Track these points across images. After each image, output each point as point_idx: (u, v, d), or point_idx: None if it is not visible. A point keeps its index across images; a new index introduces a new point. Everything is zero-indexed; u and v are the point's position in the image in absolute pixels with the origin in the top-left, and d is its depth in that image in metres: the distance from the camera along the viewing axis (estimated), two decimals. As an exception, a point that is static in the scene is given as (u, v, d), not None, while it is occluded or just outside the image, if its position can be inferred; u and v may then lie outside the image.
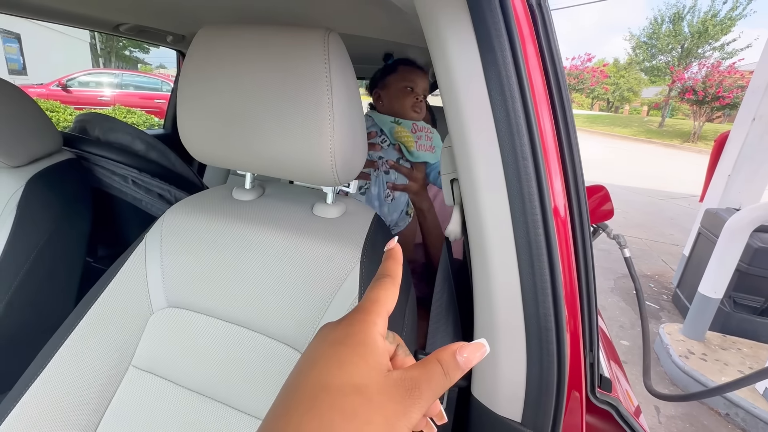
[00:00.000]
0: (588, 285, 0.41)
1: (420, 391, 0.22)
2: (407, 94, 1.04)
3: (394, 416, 0.21)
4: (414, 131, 1.05)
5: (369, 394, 0.21)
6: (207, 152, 0.53)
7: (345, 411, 0.20)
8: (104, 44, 17.44)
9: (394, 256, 0.29)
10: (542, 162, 0.34)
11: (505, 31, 0.33)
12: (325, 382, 0.21)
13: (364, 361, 0.22)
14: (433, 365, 0.23)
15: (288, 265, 0.52)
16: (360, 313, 0.25)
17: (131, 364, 0.58)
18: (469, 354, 0.23)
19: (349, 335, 0.23)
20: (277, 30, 0.47)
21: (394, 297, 0.26)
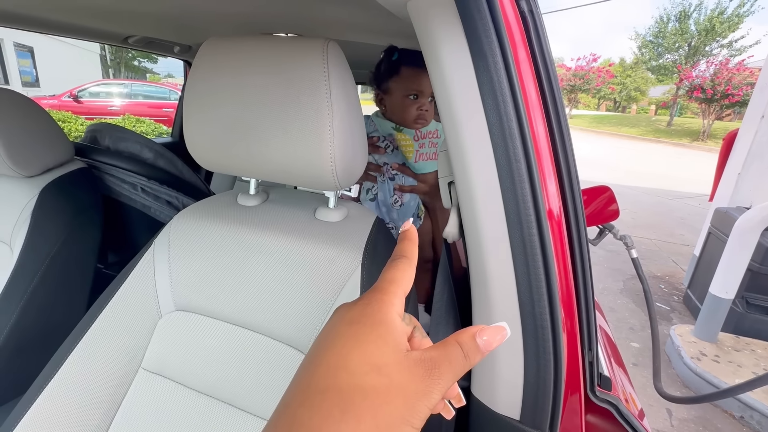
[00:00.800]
0: (585, 284, 0.41)
1: (440, 371, 0.21)
2: (411, 104, 0.93)
3: (415, 396, 0.20)
4: (417, 138, 0.97)
5: (389, 373, 0.21)
6: (212, 159, 0.55)
7: (365, 390, 0.20)
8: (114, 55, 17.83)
9: (410, 237, 0.28)
10: (535, 164, 0.35)
11: (495, 38, 0.34)
12: (343, 361, 0.21)
13: (382, 340, 0.22)
14: (453, 347, 0.22)
15: (291, 269, 0.54)
16: (377, 292, 0.24)
17: (141, 367, 0.59)
18: (490, 336, 0.23)
19: (366, 314, 0.23)
20: (278, 41, 0.49)
21: (411, 277, 0.26)
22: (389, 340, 0.22)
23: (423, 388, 0.21)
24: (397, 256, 0.27)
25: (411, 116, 0.94)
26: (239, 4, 0.80)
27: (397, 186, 0.97)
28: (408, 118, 0.95)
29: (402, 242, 0.28)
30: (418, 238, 0.29)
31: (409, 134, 0.98)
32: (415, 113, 0.94)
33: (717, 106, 14.00)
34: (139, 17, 1.04)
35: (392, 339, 0.22)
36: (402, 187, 0.97)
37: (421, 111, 0.94)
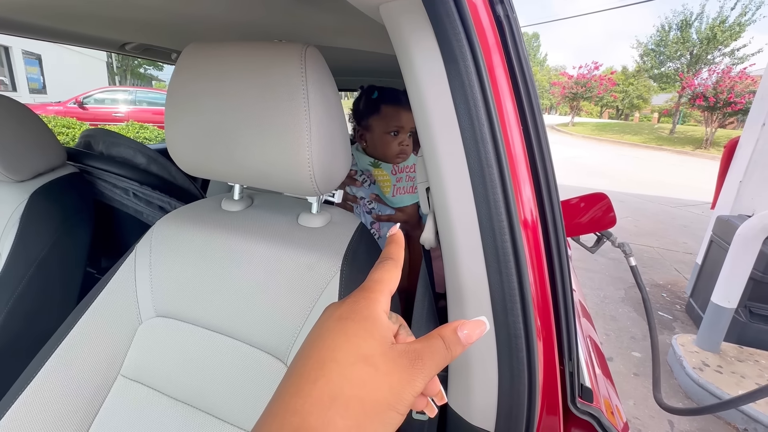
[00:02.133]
0: (564, 293, 0.40)
1: (423, 362, 0.23)
2: (392, 140, 0.96)
3: (399, 384, 0.22)
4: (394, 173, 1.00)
5: (375, 363, 0.22)
6: (193, 164, 0.55)
7: (353, 379, 0.21)
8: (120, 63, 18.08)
9: (397, 241, 0.30)
10: (507, 169, 0.35)
11: (466, 42, 0.34)
12: (333, 353, 0.22)
13: (369, 334, 0.23)
14: (436, 340, 0.24)
15: (271, 275, 0.53)
16: (364, 291, 0.26)
17: (120, 374, 0.58)
18: (470, 330, 0.25)
19: (354, 311, 0.24)
20: (259, 45, 0.49)
21: (396, 278, 0.28)
22: (375, 334, 0.24)
23: (407, 377, 0.22)
24: (384, 258, 0.29)
25: (393, 152, 0.98)
26: (236, 12, 0.80)
27: (375, 216, 0.99)
28: (390, 153, 0.98)
29: (389, 245, 0.30)
30: (404, 242, 0.31)
31: (387, 169, 1.00)
32: (396, 149, 0.97)
33: (719, 114, 13.97)
34: (136, 24, 1.05)
35: (378, 333, 0.24)
36: (379, 216, 0.99)
37: (402, 146, 0.97)
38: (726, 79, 13.51)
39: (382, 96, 1.00)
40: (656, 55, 19.38)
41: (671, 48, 18.30)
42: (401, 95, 1.00)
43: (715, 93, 13.42)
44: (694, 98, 14.31)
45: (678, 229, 5.05)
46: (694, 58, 17.49)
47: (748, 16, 16.12)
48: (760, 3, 15.95)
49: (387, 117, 0.97)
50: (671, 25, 18.39)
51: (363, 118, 1.01)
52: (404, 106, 0.98)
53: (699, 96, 13.95)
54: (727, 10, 16.59)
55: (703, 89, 13.87)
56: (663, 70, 19.26)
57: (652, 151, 14.86)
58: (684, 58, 18.07)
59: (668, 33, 18.53)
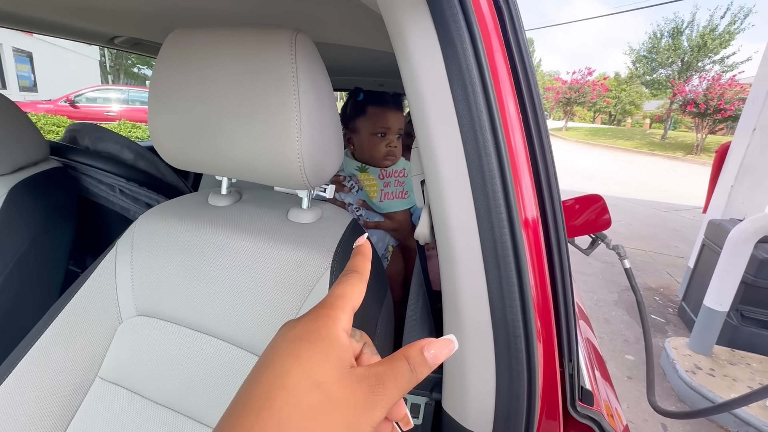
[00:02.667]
0: (565, 292, 0.39)
1: (384, 387, 0.21)
2: (379, 141, 0.96)
3: (356, 414, 0.20)
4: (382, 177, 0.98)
5: (329, 391, 0.20)
6: (178, 156, 0.52)
7: (302, 410, 0.19)
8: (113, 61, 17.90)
9: (363, 252, 0.28)
10: (506, 158, 0.33)
11: (464, 25, 0.32)
12: (282, 379, 0.20)
13: (324, 356, 0.21)
14: (399, 361, 0.22)
15: (258, 272, 0.51)
16: (323, 308, 0.24)
17: (98, 376, 0.56)
18: (437, 350, 0.23)
19: (309, 331, 0.22)
20: (246, 31, 0.47)
21: (361, 293, 0.26)
22: (331, 357, 0.21)
23: (365, 405, 0.20)
24: (348, 271, 0.27)
25: (380, 153, 0.96)
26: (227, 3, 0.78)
27: (363, 223, 0.97)
28: (377, 155, 0.97)
29: (354, 257, 0.28)
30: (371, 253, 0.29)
31: (374, 173, 0.99)
32: (384, 150, 0.96)
33: (710, 121, 14.18)
34: (124, 16, 1.02)
35: (335, 355, 0.21)
36: (367, 223, 0.97)
37: (390, 147, 0.96)
38: (716, 86, 13.73)
39: (368, 98, 1.00)
40: (648, 62, 19.65)
41: (663, 55, 18.58)
42: (387, 96, 1.00)
43: (706, 100, 13.63)
44: (685, 105, 14.51)
45: (670, 233, 5.09)
46: (685, 66, 17.76)
47: (737, 24, 16.42)
48: (748, 12, 16.26)
49: (373, 118, 0.97)
50: (663, 33, 18.67)
51: (350, 121, 1.01)
52: (390, 107, 0.97)
53: (690, 102, 14.15)
54: (716, 19, 16.90)
55: (694, 96, 14.08)
56: (655, 76, 19.53)
57: (644, 156, 15.03)
58: (675, 65, 18.34)
59: (660, 40, 18.81)
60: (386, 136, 0.97)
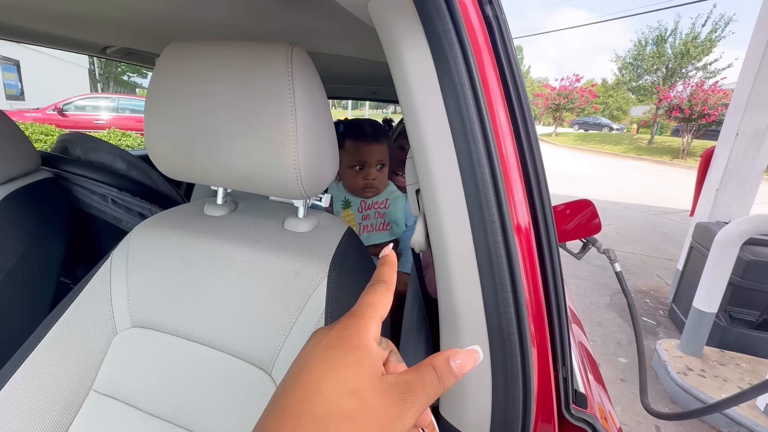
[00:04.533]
0: (557, 296, 0.40)
1: (414, 395, 0.22)
2: (356, 174, 0.96)
3: (389, 420, 0.21)
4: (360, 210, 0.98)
5: (364, 397, 0.21)
6: (174, 168, 0.53)
7: (340, 415, 0.20)
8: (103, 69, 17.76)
9: (389, 263, 0.29)
10: (498, 168, 0.34)
11: (456, 40, 0.33)
12: (319, 385, 0.21)
13: (358, 364, 0.22)
14: (427, 370, 0.23)
15: (254, 282, 0.51)
16: (354, 317, 0.24)
17: (92, 389, 0.55)
18: (463, 360, 0.23)
19: (343, 338, 0.23)
20: (243, 45, 0.47)
21: (388, 303, 0.26)
22: (365, 365, 0.22)
23: (397, 412, 0.21)
24: (376, 281, 0.27)
25: (358, 186, 0.97)
26: (221, 14, 0.79)
27: None
28: (356, 188, 0.97)
29: (381, 267, 0.29)
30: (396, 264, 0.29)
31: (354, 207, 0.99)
32: (361, 183, 0.96)
33: (694, 125, 14.51)
34: (117, 26, 1.03)
35: (368, 363, 0.22)
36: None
37: (368, 180, 0.96)
38: (699, 92, 14.07)
39: (346, 130, 0.99)
40: (634, 69, 20.09)
41: (648, 62, 19.02)
42: (367, 128, 0.99)
43: (690, 105, 13.96)
44: (670, 110, 14.83)
45: (659, 236, 5.18)
46: (670, 72, 18.20)
47: (718, 32, 16.91)
48: (728, 20, 16.76)
49: (349, 151, 0.97)
50: (647, 40, 19.13)
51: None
52: (368, 140, 0.96)
53: (675, 108, 14.47)
54: (698, 27, 17.38)
55: (679, 101, 14.41)
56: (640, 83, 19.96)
57: (632, 161, 15.30)
58: (660, 71, 18.78)
59: (645, 48, 19.27)
60: (363, 169, 0.96)
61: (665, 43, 18.35)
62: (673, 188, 9.21)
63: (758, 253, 2.24)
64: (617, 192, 8.21)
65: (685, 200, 6.44)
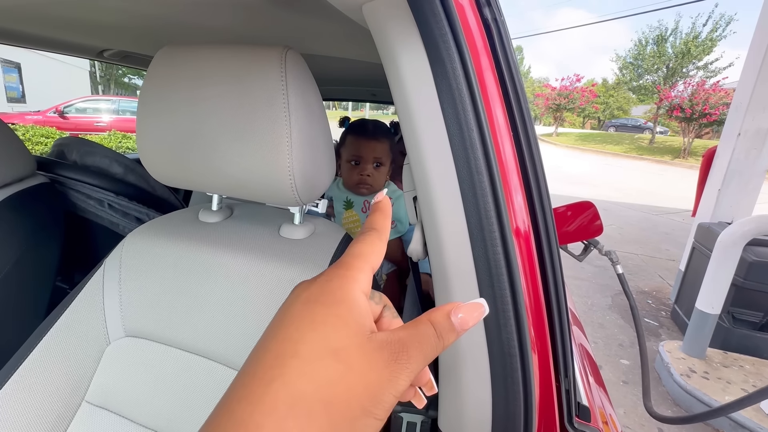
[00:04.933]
0: (559, 306, 0.38)
1: (408, 355, 0.19)
2: (352, 169, 0.99)
3: (378, 384, 0.18)
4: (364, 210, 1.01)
5: (348, 359, 0.18)
6: (167, 173, 0.52)
7: (318, 379, 0.17)
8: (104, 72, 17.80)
9: (382, 209, 0.26)
10: (498, 176, 0.33)
11: (453, 43, 0.32)
12: (295, 346, 0.18)
13: (342, 321, 0.19)
14: (425, 326, 0.20)
15: (250, 290, 0.50)
16: (339, 268, 0.22)
17: (84, 400, 0.54)
18: (466, 314, 0.21)
19: (325, 292, 0.20)
20: (236, 49, 0.46)
21: (380, 252, 0.23)
22: (350, 321, 0.19)
23: (388, 375, 0.18)
24: (367, 229, 0.24)
25: (353, 181, 0.99)
26: (218, 17, 0.78)
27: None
28: (350, 182, 0.99)
29: (373, 213, 0.26)
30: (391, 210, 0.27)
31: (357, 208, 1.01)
32: (356, 178, 0.98)
33: (696, 125, 14.47)
34: (114, 30, 1.02)
35: (353, 319, 0.19)
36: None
37: (363, 176, 0.98)
38: (700, 91, 14.04)
39: (351, 126, 1.04)
40: (634, 68, 20.07)
41: (648, 61, 18.99)
42: (369, 125, 1.02)
43: (691, 105, 13.92)
44: (671, 110, 14.80)
45: (660, 237, 5.16)
46: (670, 72, 18.17)
47: (719, 32, 16.88)
48: (729, 19, 16.73)
49: (349, 146, 1.00)
50: (648, 40, 19.11)
51: (337, 149, 1.05)
52: (366, 137, 0.99)
53: (676, 107, 14.44)
54: (699, 26, 17.35)
55: (680, 101, 14.38)
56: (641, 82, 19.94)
57: (633, 161, 15.27)
58: (660, 71, 18.75)
59: (645, 47, 19.25)
60: (360, 164, 0.98)
61: (666, 42, 18.33)
62: (675, 188, 9.18)
63: (761, 254, 2.23)
64: (618, 192, 8.19)
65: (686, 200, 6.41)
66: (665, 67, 18.42)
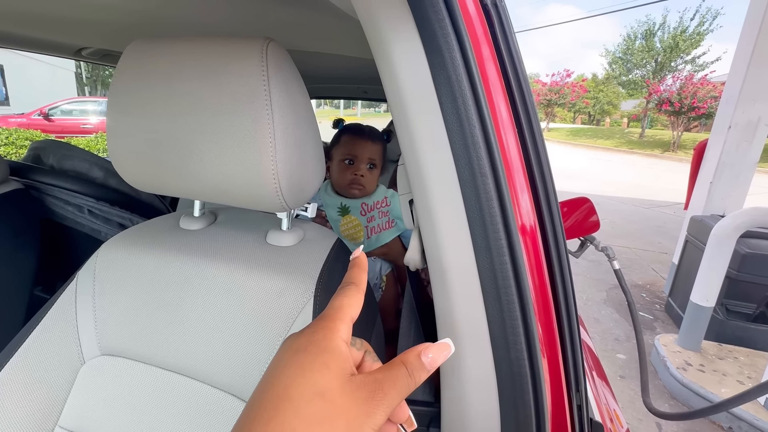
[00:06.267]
0: (569, 315, 0.35)
1: (383, 392, 0.22)
2: (345, 169, 0.98)
3: (358, 419, 0.21)
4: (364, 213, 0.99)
5: (331, 398, 0.21)
6: (141, 178, 0.48)
7: (308, 418, 0.20)
8: (90, 73, 17.47)
9: (359, 264, 0.29)
10: (504, 178, 0.30)
11: (452, 30, 0.29)
12: (287, 390, 0.21)
13: (326, 367, 0.22)
14: (398, 367, 0.23)
15: (234, 304, 0.46)
16: (323, 320, 0.25)
17: (58, 425, 0.50)
18: (435, 354, 0.24)
19: (311, 342, 0.23)
20: (213, 41, 0.42)
21: (359, 304, 0.27)
22: (333, 366, 0.22)
23: (366, 410, 0.21)
24: (346, 283, 0.28)
25: (345, 180, 0.98)
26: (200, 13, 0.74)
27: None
28: (343, 182, 0.98)
29: (351, 269, 0.29)
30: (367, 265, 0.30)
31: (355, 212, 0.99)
32: (349, 177, 0.98)
33: (685, 119, 14.63)
34: (90, 28, 0.97)
35: (336, 365, 0.22)
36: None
37: (356, 176, 0.98)
38: (689, 85, 14.18)
39: (346, 127, 1.04)
40: (624, 63, 20.22)
41: (637, 56, 19.14)
42: (364, 127, 1.05)
43: (680, 98, 14.06)
44: (660, 103, 14.94)
45: (653, 230, 5.19)
46: (659, 66, 18.34)
47: (706, 26, 17.07)
48: (716, 13, 16.93)
49: (343, 145, 1.00)
50: (636, 35, 19.26)
51: (329, 150, 1.04)
52: (362, 136, 1.01)
53: (665, 101, 14.57)
54: (686, 21, 17.53)
55: (669, 95, 14.51)
56: (630, 77, 20.10)
57: (624, 155, 15.39)
58: (649, 65, 18.92)
59: (634, 42, 19.40)
60: (353, 164, 0.98)
61: (654, 37, 18.50)
62: (665, 181, 9.27)
63: (754, 246, 2.24)
64: (610, 186, 8.24)
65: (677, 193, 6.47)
66: (654, 61, 18.60)
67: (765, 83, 2.59)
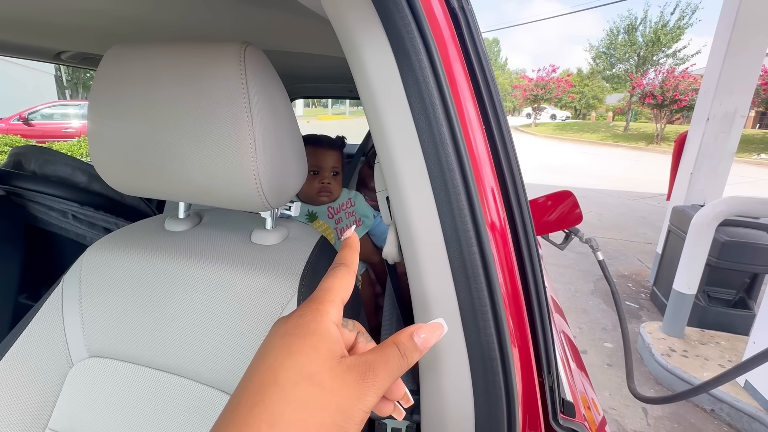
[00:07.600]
0: (539, 302, 0.38)
1: (374, 373, 0.22)
2: (312, 179, 1.03)
3: (348, 401, 0.21)
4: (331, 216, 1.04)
5: (320, 381, 0.21)
6: (124, 182, 0.48)
7: (295, 401, 0.20)
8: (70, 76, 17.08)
9: (351, 245, 0.28)
10: (471, 173, 0.31)
11: (418, 34, 0.30)
12: (275, 374, 0.21)
13: (314, 349, 0.22)
14: (390, 348, 0.23)
15: (219, 301, 0.47)
16: (312, 302, 0.24)
17: (48, 427, 0.50)
18: (427, 334, 0.24)
19: (299, 325, 0.23)
20: (191, 46, 0.43)
21: (349, 285, 0.26)
22: (321, 349, 0.22)
23: (356, 393, 0.21)
24: (337, 264, 0.27)
25: (313, 190, 1.03)
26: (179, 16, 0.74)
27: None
28: (311, 192, 1.03)
29: (342, 250, 0.28)
30: (359, 246, 0.29)
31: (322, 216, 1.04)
32: (317, 186, 1.03)
33: (667, 111, 14.93)
34: (68, 31, 0.96)
35: (325, 347, 0.22)
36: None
37: (323, 184, 1.03)
38: (670, 78, 14.47)
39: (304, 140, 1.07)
40: (607, 58, 20.53)
41: (620, 50, 19.46)
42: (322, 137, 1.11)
43: (662, 91, 14.34)
44: (643, 97, 15.22)
45: (638, 221, 5.30)
46: (641, 60, 18.66)
47: (686, 20, 17.42)
48: (695, 8, 17.29)
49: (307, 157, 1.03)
50: (619, 29, 19.56)
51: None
52: (322, 147, 1.06)
53: (648, 95, 14.85)
54: (667, 15, 17.87)
55: (651, 88, 14.79)
56: (614, 71, 20.42)
57: (609, 148, 15.64)
58: (632, 59, 19.24)
59: (617, 36, 19.70)
60: (318, 173, 1.03)
61: (636, 31, 18.80)
62: (650, 173, 9.46)
63: (733, 234, 2.31)
64: (596, 179, 8.38)
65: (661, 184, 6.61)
66: (636, 55, 18.92)
67: (741, 75, 2.67)
